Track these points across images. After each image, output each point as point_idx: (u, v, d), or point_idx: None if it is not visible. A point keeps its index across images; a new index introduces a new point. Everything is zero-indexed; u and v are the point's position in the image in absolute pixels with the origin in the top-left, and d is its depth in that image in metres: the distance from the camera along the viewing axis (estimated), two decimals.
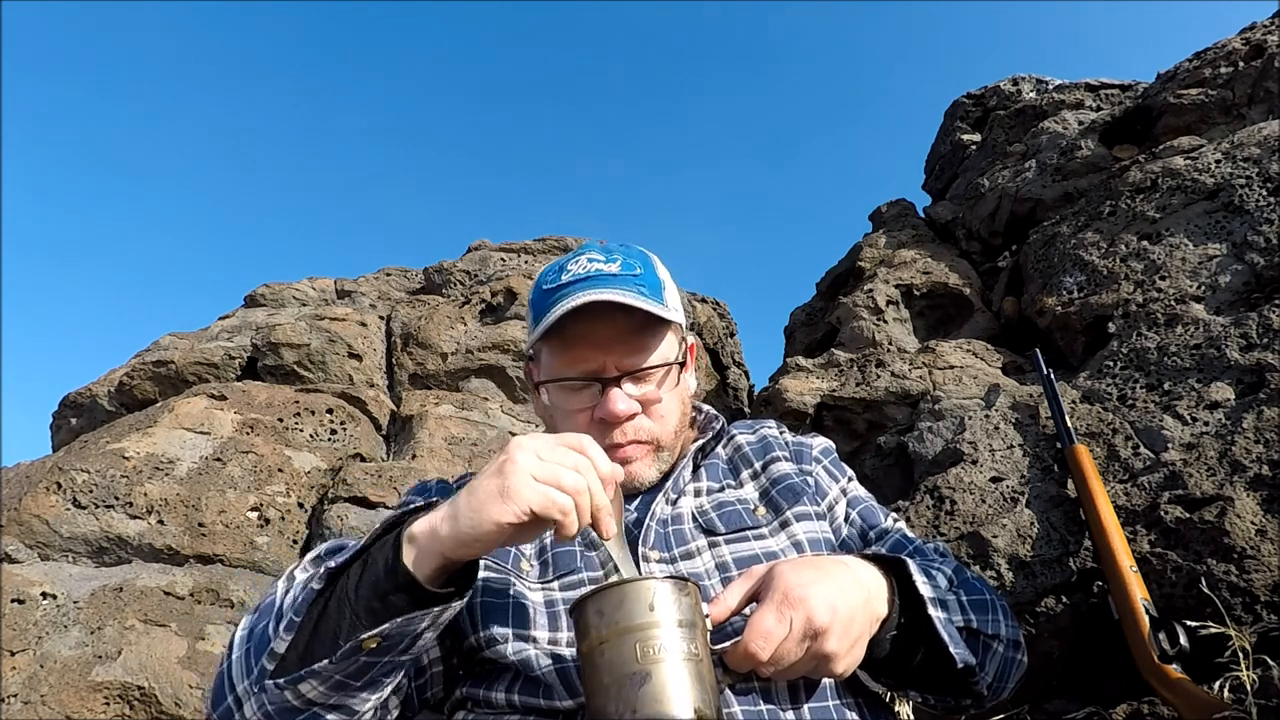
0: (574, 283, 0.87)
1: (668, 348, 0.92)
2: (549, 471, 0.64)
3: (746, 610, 0.70)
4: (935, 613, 0.74)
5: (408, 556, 0.66)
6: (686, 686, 0.58)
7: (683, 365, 0.94)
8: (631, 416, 0.88)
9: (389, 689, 0.72)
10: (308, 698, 0.67)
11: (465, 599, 0.70)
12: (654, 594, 0.61)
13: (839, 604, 0.67)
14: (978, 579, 0.91)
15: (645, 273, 0.90)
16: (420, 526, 0.67)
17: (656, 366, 0.89)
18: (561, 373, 0.89)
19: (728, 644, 0.66)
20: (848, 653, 0.68)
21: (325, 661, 0.66)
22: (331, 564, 0.69)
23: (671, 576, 0.63)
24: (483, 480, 0.66)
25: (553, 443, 0.67)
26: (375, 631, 0.65)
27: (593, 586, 0.64)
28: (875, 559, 0.78)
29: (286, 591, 0.73)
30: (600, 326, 0.86)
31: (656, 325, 0.90)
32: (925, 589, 0.75)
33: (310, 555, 0.80)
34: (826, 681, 0.78)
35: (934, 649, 0.75)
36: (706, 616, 0.66)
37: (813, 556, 0.84)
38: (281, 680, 0.67)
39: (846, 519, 0.97)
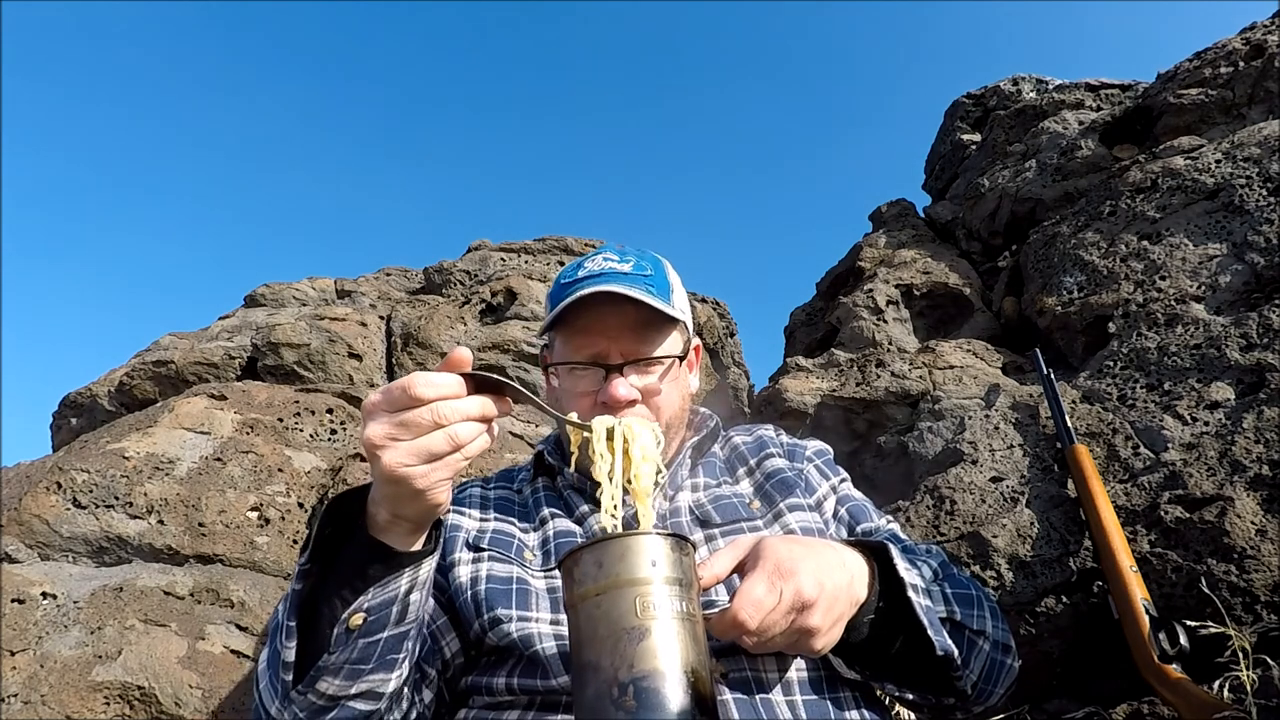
0: (588, 278, 0.93)
1: (671, 344, 0.97)
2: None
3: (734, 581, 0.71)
4: (915, 597, 0.75)
5: (373, 528, 0.68)
6: (684, 646, 0.58)
7: (683, 359, 0.99)
8: (632, 403, 0.92)
9: (405, 665, 0.73)
10: (329, 694, 0.69)
11: (437, 552, 0.72)
12: (656, 549, 0.60)
13: (825, 580, 0.68)
14: (968, 578, 0.92)
15: (655, 275, 0.96)
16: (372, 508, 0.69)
17: (659, 358, 0.95)
18: (570, 356, 0.95)
19: (713, 611, 0.66)
20: (828, 630, 0.69)
21: (326, 655, 0.67)
22: (302, 559, 0.71)
23: (673, 534, 0.62)
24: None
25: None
26: (354, 607, 0.67)
27: (591, 537, 0.64)
28: (859, 544, 0.79)
29: (283, 608, 0.76)
30: (609, 316, 0.92)
31: (661, 321, 0.95)
32: (907, 574, 0.76)
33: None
34: (821, 675, 0.78)
35: (914, 637, 0.75)
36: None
37: (800, 536, 0.86)
38: (301, 686, 0.69)
39: (835, 515, 0.99)
